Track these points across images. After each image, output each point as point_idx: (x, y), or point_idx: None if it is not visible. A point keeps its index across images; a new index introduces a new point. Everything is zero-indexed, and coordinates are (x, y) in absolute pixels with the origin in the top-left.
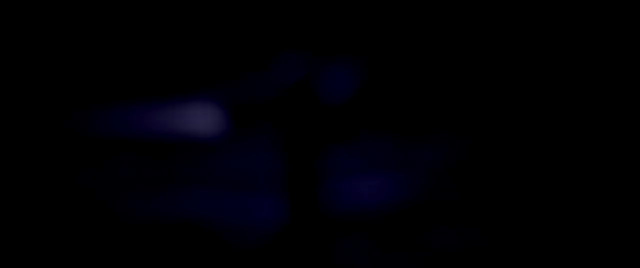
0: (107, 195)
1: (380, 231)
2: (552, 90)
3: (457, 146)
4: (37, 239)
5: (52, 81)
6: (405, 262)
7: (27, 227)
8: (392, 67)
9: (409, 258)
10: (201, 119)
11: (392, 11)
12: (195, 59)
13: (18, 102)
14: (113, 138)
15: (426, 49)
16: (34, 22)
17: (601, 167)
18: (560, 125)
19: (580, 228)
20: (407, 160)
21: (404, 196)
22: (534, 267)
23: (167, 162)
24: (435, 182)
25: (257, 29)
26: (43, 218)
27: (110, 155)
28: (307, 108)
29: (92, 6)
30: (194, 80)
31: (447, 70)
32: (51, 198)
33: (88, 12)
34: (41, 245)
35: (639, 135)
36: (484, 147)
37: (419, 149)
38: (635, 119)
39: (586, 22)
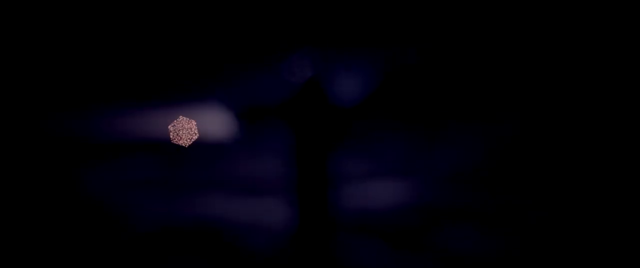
0: (118, 199)
1: (392, 235)
2: (571, 90)
3: (472, 150)
4: (48, 243)
5: (61, 83)
6: (418, 266)
7: (37, 231)
8: (405, 67)
9: (421, 263)
10: (210, 121)
11: (404, 9)
12: (204, 61)
13: (26, 105)
14: (123, 142)
15: (440, 49)
16: (49, 20)
17: (622, 169)
18: (580, 126)
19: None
20: (420, 163)
21: (417, 199)
22: None
23: (177, 165)
24: (449, 185)
25: (266, 29)
26: (54, 223)
27: (120, 159)
28: (317, 109)
29: (101, 7)
30: (203, 82)
31: (463, 71)
32: (62, 203)
33: (96, 14)
34: (52, 250)
35: None
36: (499, 150)
37: (432, 152)
38: None
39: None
